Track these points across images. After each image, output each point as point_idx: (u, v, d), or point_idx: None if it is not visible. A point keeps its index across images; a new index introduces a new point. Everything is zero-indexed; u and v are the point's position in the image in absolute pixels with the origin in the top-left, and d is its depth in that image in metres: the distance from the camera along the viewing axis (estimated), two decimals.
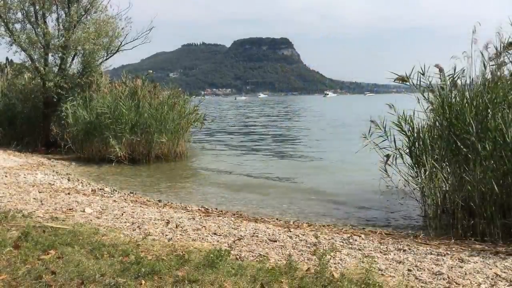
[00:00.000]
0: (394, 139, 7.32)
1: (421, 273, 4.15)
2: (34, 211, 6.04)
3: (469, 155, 6.07)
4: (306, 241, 5.23)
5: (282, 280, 3.52)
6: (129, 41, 15.50)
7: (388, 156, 7.23)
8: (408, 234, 5.96)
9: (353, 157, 9.22)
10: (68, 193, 7.88)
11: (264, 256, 4.50)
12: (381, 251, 4.92)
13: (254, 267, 3.85)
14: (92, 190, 8.69)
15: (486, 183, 5.72)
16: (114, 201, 7.54)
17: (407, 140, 7.17)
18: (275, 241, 5.20)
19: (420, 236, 5.73)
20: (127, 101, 13.24)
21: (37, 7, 14.70)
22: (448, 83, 6.77)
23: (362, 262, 4.42)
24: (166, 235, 5.28)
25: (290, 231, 5.74)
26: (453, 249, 5.06)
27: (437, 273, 4.17)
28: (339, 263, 4.43)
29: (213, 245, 4.80)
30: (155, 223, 5.87)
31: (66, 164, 12.64)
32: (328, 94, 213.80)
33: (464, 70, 6.64)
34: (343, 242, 5.25)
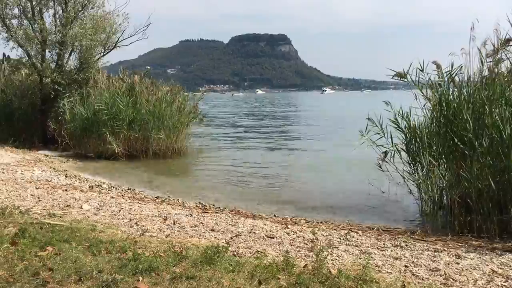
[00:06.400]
0: (391, 136, 7.33)
1: (418, 269, 4.17)
2: (32, 208, 6.03)
3: (466, 152, 6.08)
4: (304, 237, 5.24)
5: (280, 277, 3.52)
6: (127, 37, 15.48)
7: (385, 153, 7.24)
8: (405, 230, 5.98)
9: (350, 154, 9.22)
10: (66, 190, 7.87)
11: (261, 252, 4.51)
12: (378, 247, 4.94)
13: (251, 263, 3.85)
14: (89, 187, 8.68)
15: (483, 179, 5.73)
16: (112, 197, 7.54)
17: (404, 137, 7.18)
18: (273, 238, 5.21)
19: (417, 233, 5.75)
20: (125, 98, 13.20)
21: (34, 3, 14.63)
22: (446, 79, 6.77)
23: (359, 258, 4.44)
24: (164, 231, 5.28)
25: (288, 228, 5.75)
26: (450, 245, 5.08)
27: (434, 269, 4.18)
28: (336, 259, 4.44)
29: (210, 241, 4.80)
30: (153, 220, 5.87)
31: (63, 160, 12.62)
32: (326, 90, 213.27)
33: (461, 67, 6.65)
34: (340, 239, 5.26)
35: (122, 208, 6.53)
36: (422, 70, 6.88)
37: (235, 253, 4.45)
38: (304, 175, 10.88)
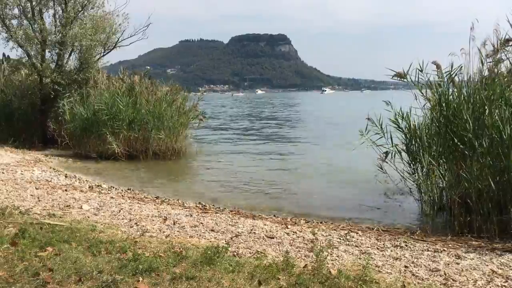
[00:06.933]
0: (391, 136, 7.34)
1: (418, 270, 4.17)
2: (31, 208, 6.03)
3: (466, 152, 6.08)
4: (304, 237, 5.24)
5: (280, 277, 3.52)
6: (127, 37, 15.49)
7: (386, 153, 7.25)
8: (405, 230, 5.98)
9: (350, 155, 9.23)
10: (65, 190, 7.87)
11: (261, 252, 4.51)
12: (378, 247, 4.94)
13: (251, 263, 3.86)
14: (89, 187, 8.68)
15: (482, 180, 5.74)
16: (112, 197, 7.54)
17: (404, 137, 7.18)
18: (273, 238, 5.21)
19: (417, 233, 5.75)
20: (125, 98, 13.20)
21: (33, 3, 14.64)
22: (446, 80, 6.78)
23: (359, 258, 4.45)
24: (164, 231, 5.29)
25: (288, 228, 5.76)
26: (450, 245, 5.08)
27: (434, 269, 4.19)
28: (336, 259, 4.44)
29: (210, 241, 4.81)
30: (153, 220, 5.88)
31: (63, 160, 12.62)
32: (325, 90, 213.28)
33: (461, 67, 6.65)
34: (340, 239, 5.27)
35: (122, 209, 6.53)
36: (421, 71, 6.89)
37: (235, 253, 4.46)
38: (304, 175, 10.88)
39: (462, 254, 4.67)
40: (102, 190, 8.49)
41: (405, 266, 4.27)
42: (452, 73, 6.72)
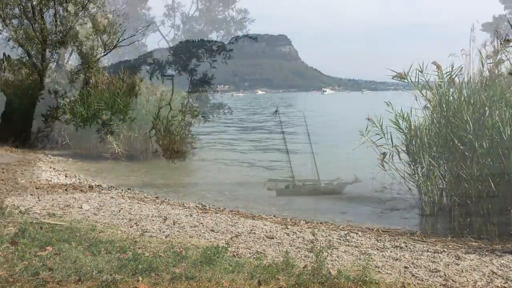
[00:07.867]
0: (391, 136, 7.32)
1: (418, 270, 4.16)
2: (31, 207, 6.02)
3: (466, 153, 6.08)
4: (303, 238, 5.24)
5: (279, 277, 3.52)
6: (127, 37, 15.47)
7: (384, 153, 7.23)
8: (405, 231, 5.97)
9: (350, 155, 9.22)
10: (65, 190, 7.86)
11: (261, 253, 4.51)
12: (378, 248, 4.93)
13: (251, 264, 3.85)
14: (89, 187, 8.67)
15: (482, 181, 5.73)
16: (112, 197, 7.53)
17: (404, 138, 7.17)
18: (272, 238, 5.20)
19: (417, 233, 5.74)
20: (125, 98, 13.19)
21: (34, 2, 14.62)
22: (446, 80, 6.77)
23: (359, 259, 4.44)
24: (164, 231, 5.28)
25: (287, 228, 5.75)
26: (450, 246, 5.07)
27: (434, 270, 4.18)
28: (336, 260, 4.43)
29: (210, 242, 4.80)
30: (153, 220, 5.87)
31: (63, 160, 12.61)
32: (326, 91, 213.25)
33: (462, 68, 6.65)
34: (340, 239, 5.26)
35: (122, 208, 6.52)
36: (421, 72, 6.88)
37: (235, 253, 4.45)
38: (303, 175, 10.85)
39: (462, 255, 4.66)
40: (102, 190, 8.47)
41: (405, 267, 4.26)
42: (452, 74, 6.71)
